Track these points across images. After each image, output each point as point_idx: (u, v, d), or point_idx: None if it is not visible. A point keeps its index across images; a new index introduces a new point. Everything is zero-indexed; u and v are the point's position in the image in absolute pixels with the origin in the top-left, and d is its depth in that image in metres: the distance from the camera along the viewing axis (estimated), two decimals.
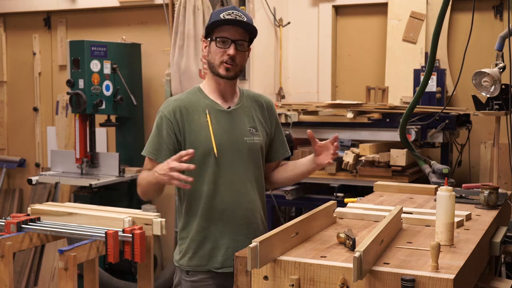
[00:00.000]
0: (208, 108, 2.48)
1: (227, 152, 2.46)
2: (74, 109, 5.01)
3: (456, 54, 5.02)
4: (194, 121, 2.45)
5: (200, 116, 2.46)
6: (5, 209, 6.39)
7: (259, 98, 2.63)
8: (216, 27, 2.42)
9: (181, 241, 2.55)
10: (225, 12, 2.41)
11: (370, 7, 5.38)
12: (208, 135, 2.44)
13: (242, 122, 2.52)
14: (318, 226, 2.26)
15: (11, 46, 6.53)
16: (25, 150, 6.46)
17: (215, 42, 2.42)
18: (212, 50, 2.44)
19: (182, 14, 4.67)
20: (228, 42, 2.41)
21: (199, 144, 2.43)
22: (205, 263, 2.49)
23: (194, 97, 2.52)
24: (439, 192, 2.09)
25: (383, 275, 1.76)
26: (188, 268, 2.52)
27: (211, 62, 2.46)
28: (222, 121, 2.48)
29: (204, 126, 2.45)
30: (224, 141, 2.45)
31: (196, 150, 2.39)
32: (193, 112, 2.47)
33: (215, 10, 2.49)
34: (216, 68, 2.45)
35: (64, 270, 2.78)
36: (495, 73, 3.52)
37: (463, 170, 4.84)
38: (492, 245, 2.45)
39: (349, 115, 4.40)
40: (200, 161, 2.43)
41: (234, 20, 2.40)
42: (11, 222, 3.09)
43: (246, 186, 2.50)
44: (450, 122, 4.20)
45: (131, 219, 3.06)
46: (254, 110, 2.58)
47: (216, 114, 2.48)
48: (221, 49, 2.42)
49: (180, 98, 2.52)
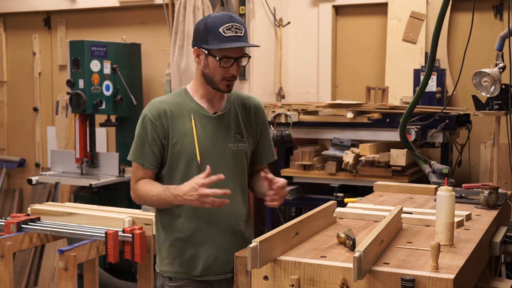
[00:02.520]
0: (194, 112, 2.42)
1: (211, 159, 2.40)
2: (74, 109, 5.01)
3: (456, 54, 5.02)
4: (178, 125, 2.39)
5: (184, 120, 2.40)
6: (5, 209, 6.39)
7: (247, 101, 2.56)
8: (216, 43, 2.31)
9: (162, 246, 2.50)
10: (224, 26, 2.30)
11: (370, 7, 5.38)
12: (192, 141, 2.38)
13: (227, 128, 2.46)
14: (318, 226, 2.26)
15: (11, 46, 6.53)
16: (25, 150, 6.46)
17: (219, 62, 2.32)
18: (212, 66, 2.35)
19: (182, 14, 4.67)
20: (231, 61, 2.34)
21: (183, 150, 2.39)
22: (185, 270, 2.45)
23: (179, 99, 2.45)
24: (439, 192, 2.09)
25: (383, 275, 1.76)
26: (169, 274, 2.48)
27: (209, 76, 2.38)
28: (207, 127, 2.42)
29: (188, 131, 2.39)
30: (208, 148, 2.40)
31: (179, 156, 2.38)
32: (178, 116, 2.40)
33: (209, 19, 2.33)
34: (216, 83, 2.38)
35: (64, 270, 2.78)
36: (495, 73, 3.51)
37: (463, 170, 4.84)
38: (492, 245, 2.45)
39: (349, 115, 4.40)
40: (183, 167, 2.40)
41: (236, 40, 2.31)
42: (11, 222, 3.09)
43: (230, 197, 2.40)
44: (450, 122, 4.20)
45: (131, 219, 3.06)
46: (240, 114, 2.51)
47: (201, 119, 2.42)
48: (223, 68, 2.34)
49: (165, 100, 2.44)
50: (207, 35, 2.32)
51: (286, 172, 4.58)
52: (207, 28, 2.33)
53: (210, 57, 2.34)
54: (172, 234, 2.45)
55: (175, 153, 2.39)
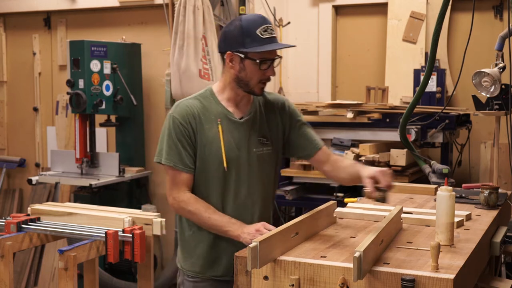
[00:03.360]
0: (221, 117, 2.41)
1: (236, 165, 2.41)
2: (74, 109, 5.00)
3: (456, 54, 5.02)
4: (205, 130, 2.39)
5: (211, 125, 2.40)
6: (5, 209, 6.39)
7: (270, 99, 2.54)
8: (255, 45, 2.29)
9: (184, 244, 2.53)
10: (261, 28, 2.29)
11: (370, 7, 5.38)
12: (219, 147, 2.38)
13: (252, 133, 2.45)
14: (318, 226, 2.26)
15: (11, 46, 6.53)
16: (25, 150, 6.46)
17: (259, 65, 2.31)
18: (250, 70, 2.33)
19: (182, 14, 4.66)
20: (269, 63, 2.34)
21: (209, 156, 2.39)
22: (206, 271, 2.48)
23: (206, 102, 2.43)
24: (439, 192, 2.09)
25: (383, 275, 1.76)
26: (189, 273, 2.52)
27: (244, 80, 2.36)
28: (234, 132, 2.42)
29: (215, 137, 2.39)
30: (234, 154, 2.41)
31: (206, 162, 2.38)
32: (205, 121, 2.39)
33: (244, 22, 2.30)
34: (251, 86, 2.37)
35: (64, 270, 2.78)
36: (495, 73, 3.51)
37: (463, 170, 4.84)
38: (492, 245, 2.45)
39: (349, 115, 4.40)
40: (209, 172, 2.41)
41: (274, 41, 2.32)
42: (11, 222, 3.09)
43: (253, 199, 2.46)
44: (450, 122, 4.20)
45: (131, 219, 3.06)
46: (265, 115, 2.50)
47: (228, 125, 2.41)
48: (261, 70, 2.33)
49: (192, 104, 2.42)
50: (244, 38, 2.30)
51: (286, 172, 4.58)
52: (243, 31, 2.30)
53: (247, 60, 2.32)
54: (198, 234, 2.47)
55: (203, 158, 2.40)
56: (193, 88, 4.66)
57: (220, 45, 2.41)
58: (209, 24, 4.73)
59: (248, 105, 2.48)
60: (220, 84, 2.48)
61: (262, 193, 2.50)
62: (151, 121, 5.76)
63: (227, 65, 2.38)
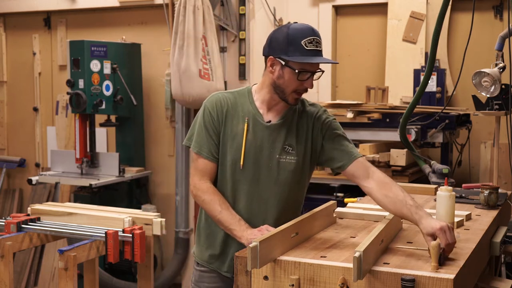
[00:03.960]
0: (249, 116, 2.42)
1: (254, 167, 2.41)
2: (74, 109, 5.00)
3: (456, 54, 5.02)
4: (231, 125, 2.42)
5: (238, 121, 2.42)
6: (5, 209, 6.39)
7: (308, 110, 2.50)
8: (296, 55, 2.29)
9: (199, 232, 2.58)
10: (306, 39, 2.29)
11: (370, 7, 5.38)
12: (240, 144, 2.40)
13: (278, 139, 2.43)
14: (318, 226, 2.26)
15: (11, 46, 6.53)
16: (25, 150, 6.46)
17: (297, 75, 2.31)
18: (288, 78, 2.33)
19: (182, 14, 4.66)
20: (308, 75, 2.33)
21: (230, 150, 2.41)
22: (213, 262, 2.52)
23: (240, 98, 2.46)
24: (439, 192, 2.10)
25: (383, 275, 1.76)
26: (197, 260, 2.57)
27: (280, 86, 2.36)
28: (258, 134, 2.42)
29: (239, 133, 2.41)
30: (253, 155, 2.40)
31: (224, 155, 2.41)
32: (233, 116, 2.42)
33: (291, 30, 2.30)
34: (286, 95, 2.37)
35: (64, 270, 2.78)
36: (495, 73, 3.51)
37: (463, 170, 4.84)
38: (492, 245, 2.45)
39: (349, 115, 4.40)
40: (227, 166, 2.43)
41: (317, 53, 2.31)
42: (11, 222, 3.09)
43: (267, 204, 2.43)
44: (450, 122, 4.20)
45: (131, 219, 3.06)
46: (298, 124, 2.47)
47: (254, 125, 2.42)
48: (300, 81, 2.33)
49: (226, 97, 2.46)
50: (287, 46, 2.30)
51: None
52: (288, 39, 2.30)
53: (287, 68, 2.32)
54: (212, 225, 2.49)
55: (222, 152, 2.42)
56: (193, 88, 4.67)
57: (265, 48, 2.41)
58: (209, 24, 4.73)
59: (281, 111, 2.46)
60: (259, 85, 2.49)
61: (280, 202, 2.45)
62: (151, 121, 5.76)
63: (268, 68, 2.39)
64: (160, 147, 5.73)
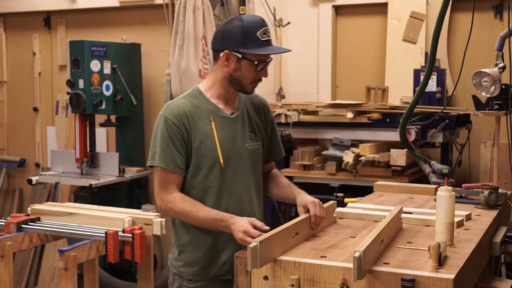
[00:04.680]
0: (212, 114, 2.43)
1: (232, 160, 2.43)
2: (74, 109, 5.00)
3: (456, 54, 5.02)
4: (199, 128, 2.40)
5: (205, 123, 2.41)
6: (5, 209, 6.39)
7: (254, 99, 2.59)
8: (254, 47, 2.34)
9: (182, 249, 2.50)
10: (260, 30, 2.34)
11: (370, 7, 5.38)
12: (214, 143, 2.39)
13: (243, 128, 2.49)
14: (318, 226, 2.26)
15: (11, 46, 6.53)
16: (25, 150, 6.46)
17: (255, 66, 2.36)
18: (245, 70, 2.37)
19: (182, 14, 4.66)
20: (263, 64, 2.39)
21: (206, 153, 2.39)
22: (208, 271, 2.47)
23: (196, 101, 2.44)
24: (439, 192, 2.09)
25: (383, 275, 1.76)
26: (190, 277, 2.49)
27: (237, 79, 2.39)
28: (226, 128, 2.44)
29: (209, 134, 2.40)
30: (228, 149, 2.42)
31: (201, 159, 2.38)
32: (198, 119, 2.40)
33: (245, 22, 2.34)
34: (244, 85, 2.40)
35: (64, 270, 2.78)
36: (495, 73, 3.52)
37: (463, 170, 4.84)
38: (492, 245, 2.45)
39: (349, 115, 4.40)
40: (206, 169, 2.40)
41: (271, 44, 2.38)
42: (11, 222, 3.09)
43: (249, 193, 2.48)
44: (450, 122, 4.20)
45: (131, 219, 3.06)
46: (251, 113, 2.55)
47: (220, 121, 2.43)
48: (257, 72, 2.38)
49: (183, 103, 2.42)
50: (244, 39, 2.33)
51: (286, 172, 4.58)
52: (244, 32, 2.33)
53: (244, 60, 2.35)
54: (195, 237, 2.45)
55: (199, 156, 2.40)
56: None
57: (216, 43, 2.42)
58: (209, 24, 4.73)
59: (235, 102, 2.52)
60: (208, 82, 2.49)
61: (256, 187, 2.53)
62: (151, 121, 5.74)
63: (222, 63, 2.39)
64: None
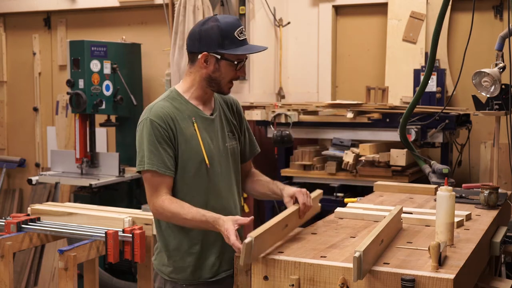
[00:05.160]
0: (193, 115, 2.42)
1: (215, 161, 2.42)
2: (74, 109, 5.00)
3: (456, 54, 5.02)
4: (183, 130, 2.38)
5: (187, 124, 2.39)
6: (5, 209, 6.39)
7: (227, 99, 2.59)
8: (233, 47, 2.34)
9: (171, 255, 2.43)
10: (237, 30, 2.35)
11: (370, 7, 5.38)
12: (198, 144, 2.38)
13: (222, 128, 2.50)
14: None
15: (11, 46, 6.53)
16: (25, 150, 6.46)
17: (235, 66, 2.36)
18: (224, 70, 2.37)
19: (182, 14, 4.67)
20: (242, 63, 2.40)
21: (191, 155, 2.38)
22: (199, 275, 2.42)
23: (175, 102, 2.42)
24: (439, 192, 2.09)
25: (383, 275, 1.76)
26: (183, 282, 2.43)
27: (216, 79, 2.39)
28: (208, 129, 2.44)
29: (193, 135, 2.39)
30: (212, 150, 2.42)
31: (187, 161, 2.36)
32: (181, 120, 2.39)
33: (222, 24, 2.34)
34: (221, 86, 2.40)
35: (64, 270, 2.78)
36: (495, 73, 3.51)
37: (463, 170, 4.84)
38: (492, 245, 2.45)
39: (349, 115, 4.40)
40: (192, 171, 2.38)
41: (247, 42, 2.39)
42: (11, 222, 3.09)
43: (231, 191, 2.48)
44: (450, 122, 4.20)
45: (131, 219, 3.06)
46: (227, 112, 2.56)
47: (202, 122, 2.43)
48: (236, 71, 2.38)
49: (166, 105, 2.39)
50: (222, 40, 2.33)
51: (286, 172, 4.58)
52: (221, 33, 2.33)
53: (223, 61, 2.35)
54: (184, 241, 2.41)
55: (185, 158, 2.38)
56: None
57: (193, 44, 2.39)
58: None
59: (211, 103, 2.52)
60: (185, 84, 2.48)
61: (237, 185, 2.55)
62: None
63: (200, 64, 2.38)
64: None
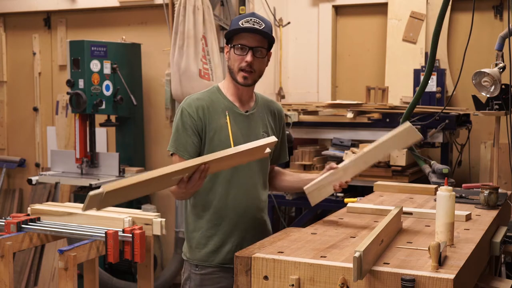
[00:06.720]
0: (228, 109, 2.54)
1: None
2: (74, 109, 5.00)
3: (456, 54, 5.02)
4: (214, 121, 2.51)
5: (220, 116, 2.52)
6: (5, 209, 6.39)
7: (271, 105, 2.71)
8: (235, 34, 2.47)
9: (191, 235, 2.61)
10: (244, 19, 2.46)
11: (370, 7, 5.38)
12: (227, 136, 2.50)
13: (257, 127, 2.59)
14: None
15: (11, 46, 6.53)
16: (25, 150, 6.46)
17: (234, 49, 2.48)
18: (232, 57, 2.50)
19: (182, 14, 4.66)
20: (246, 49, 2.47)
21: (219, 144, 2.49)
22: (213, 258, 2.55)
23: (213, 96, 2.57)
24: (439, 192, 2.09)
25: (383, 275, 1.76)
26: (196, 262, 2.59)
27: (230, 68, 2.52)
28: (240, 124, 2.55)
29: (223, 127, 2.51)
30: (241, 143, 2.47)
31: (215, 149, 2.44)
32: (214, 112, 2.52)
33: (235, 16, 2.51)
34: (235, 74, 2.52)
35: (64, 270, 2.78)
36: (495, 73, 3.51)
37: (463, 170, 4.84)
38: (492, 245, 2.45)
39: (349, 115, 4.40)
40: None
41: (251, 28, 2.45)
42: (11, 222, 3.09)
43: (257, 188, 2.59)
44: (450, 122, 4.20)
45: (131, 219, 3.06)
46: (267, 115, 2.66)
47: (234, 117, 2.55)
48: (239, 56, 2.47)
49: (201, 97, 2.56)
50: (229, 30, 2.50)
51: None
52: (231, 25, 2.50)
53: (231, 49, 2.50)
54: (202, 224, 2.56)
55: (212, 148, 2.49)
56: (193, 88, 4.66)
57: None
58: (209, 24, 4.73)
59: (251, 102, 2.63)
60: (225, 81, 2.63)
61: (263, 183, 2.63)
62: (151, 121, 5.76)
63: (226, 58, 2.55)
64: (160, 147, 5.73)
